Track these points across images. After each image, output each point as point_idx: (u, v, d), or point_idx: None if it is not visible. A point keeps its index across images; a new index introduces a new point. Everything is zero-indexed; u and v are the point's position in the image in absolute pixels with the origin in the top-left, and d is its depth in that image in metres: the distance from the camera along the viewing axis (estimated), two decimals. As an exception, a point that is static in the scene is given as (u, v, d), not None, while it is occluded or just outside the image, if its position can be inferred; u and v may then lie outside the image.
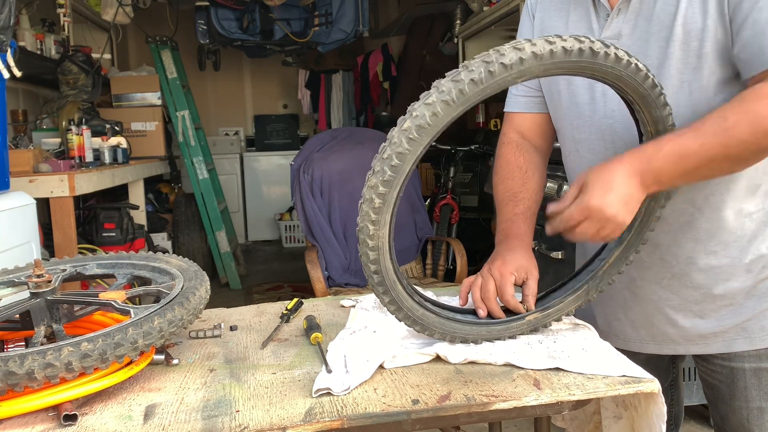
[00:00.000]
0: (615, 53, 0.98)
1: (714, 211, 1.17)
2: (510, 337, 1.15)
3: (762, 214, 1.17)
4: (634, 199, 1.04)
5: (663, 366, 1.39)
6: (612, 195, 1.02)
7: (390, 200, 0.96)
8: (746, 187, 1.15)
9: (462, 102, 0.92)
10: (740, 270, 1.18)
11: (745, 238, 1.17)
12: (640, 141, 1.12)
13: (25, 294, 1.12)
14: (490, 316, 1.16)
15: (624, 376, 0.99)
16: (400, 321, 1.10)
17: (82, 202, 3.98)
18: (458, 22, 4.75)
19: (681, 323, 1.23)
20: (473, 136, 4.66)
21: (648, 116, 1.07)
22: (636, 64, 1.01)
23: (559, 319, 1.20)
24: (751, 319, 1.19)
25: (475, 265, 4.14)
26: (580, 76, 1.02)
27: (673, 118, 1.09)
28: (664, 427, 1.00)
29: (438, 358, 1.09)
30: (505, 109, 1.42)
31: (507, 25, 3.92)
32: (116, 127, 3.99)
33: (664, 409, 0.99)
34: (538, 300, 1.19)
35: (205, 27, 5.56)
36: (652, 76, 1.03)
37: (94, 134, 3.64)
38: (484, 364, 1.07)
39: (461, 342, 1.13)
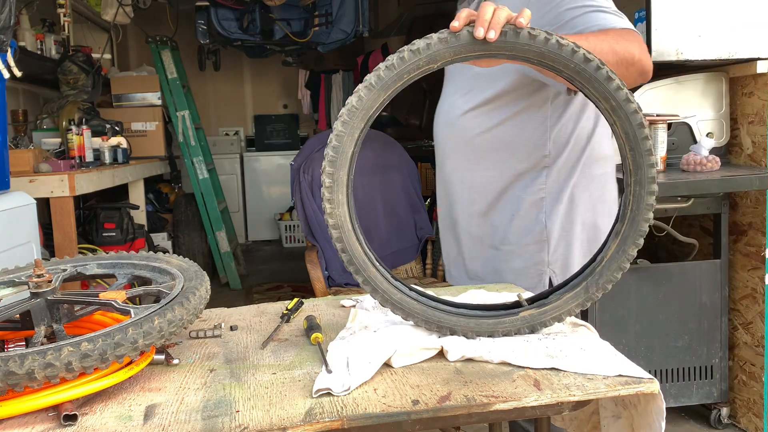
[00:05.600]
0: (529, 32, 0.98)
1: None
2: (504, 334, 1.13)
3: None
4: None
5: None
6: None
7: (339, 180, 1.05)
8: None
9: (381, 86, 1.01)
10: None
11: None
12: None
13: (26, 294, 1.12)
14: (482, 308, 1.15)
15: (623, 376, 0.99)
16: (382, 305, 1.12)
17: (82, 202, 3.98)
18: (458, 22, 4.74)
19: None
20: (473, 136, 4.65)
21: (594, 93, 1.03)
22: (558, 40, 0.99)
23: (560, 320, 1.15)
24: None
25: (475, 265, 4.14)
26: (496, 58, 1.03)
27: None
28: (663, 424, 0.99)
29: (439, 356, 1.09)
30: None
31: (507, 26, 3.91)
32: (116, 127, 4.00)
33: (663, 406, 0.99)
34: (537, 299, 1.17)
35: (205, 27, 5.55)
36: (584, 52, 1.01)
37: (95, 134, 3.64)
38: (483, 362, 1.07)
39: (450, 333, 1.12)
